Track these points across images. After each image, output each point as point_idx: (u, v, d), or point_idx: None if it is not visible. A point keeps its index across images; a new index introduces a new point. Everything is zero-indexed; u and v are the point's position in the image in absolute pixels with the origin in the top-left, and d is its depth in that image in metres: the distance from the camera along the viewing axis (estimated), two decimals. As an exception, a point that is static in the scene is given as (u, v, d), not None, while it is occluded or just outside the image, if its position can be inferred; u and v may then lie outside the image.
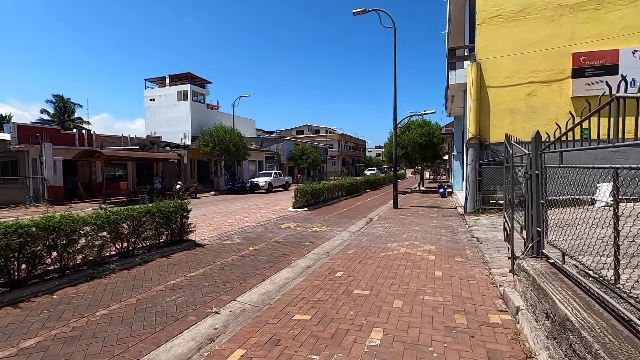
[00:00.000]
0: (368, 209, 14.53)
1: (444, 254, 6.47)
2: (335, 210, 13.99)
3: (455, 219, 11.09)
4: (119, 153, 21.09)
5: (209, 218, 12.10)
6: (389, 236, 8.37)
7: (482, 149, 11.52)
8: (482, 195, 11.37)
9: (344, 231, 9.55)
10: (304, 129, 75.82)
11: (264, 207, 15.61)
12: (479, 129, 11.46)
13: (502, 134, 11.66)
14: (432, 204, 15.95)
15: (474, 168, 11.44)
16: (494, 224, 9.38)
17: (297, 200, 13.89)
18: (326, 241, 8.17)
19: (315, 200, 15.35)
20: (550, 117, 10.87)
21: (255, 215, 12.72)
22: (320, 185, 15.70)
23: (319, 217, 12.01)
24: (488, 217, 10.45)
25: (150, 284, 5.04)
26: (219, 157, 27.75)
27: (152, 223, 6.63)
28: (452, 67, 12.14)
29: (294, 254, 6.92)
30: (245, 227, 10.03)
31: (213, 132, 26.86)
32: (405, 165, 30.11)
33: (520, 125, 11.17)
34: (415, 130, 22.96)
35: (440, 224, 10.15)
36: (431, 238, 8.03)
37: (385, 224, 10.20)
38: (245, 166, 38.50)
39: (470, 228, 9.16)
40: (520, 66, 11.12)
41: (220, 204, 17.46)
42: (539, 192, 3.91)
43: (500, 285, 4.51)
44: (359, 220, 11.58)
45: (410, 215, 12.09)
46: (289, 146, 47.24)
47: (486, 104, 11.46)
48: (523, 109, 11.13)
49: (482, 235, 8.08)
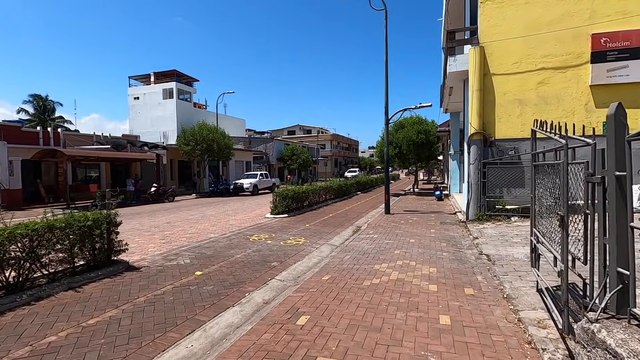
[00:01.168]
0: (357, 215, 12.92)
1: (449, 283, 4.87)
2: (320, 217, 12.36)
3: (456, 227, 9.52)
4: (84, 152, 19.22)
5: (170, 227, 10.38)
6: (378, 252, 6.76)
7: (487, 146, 9.98)
8: (487, 200, 9.82)
9: (324, 244, 7.92)
10: (295, 129, 74.18)
11: (240, 212, 13.91)
12: (483, 123, 9.92)
13: (509, 128, 10.16)
14: (428, 208, 14.40)
15: (477, 168, 9.89)
16: (504, 235, 7.82)
17: (275, 205, 12.22)
18: (300, 259, 6.53)
19: (298, 205, 13.70)
20: (566, 109, 9.37)
21: (226, 223, 11.03)
22: (304, 188, 14.06)
23: (298, 226, 10.36)
24: (495, 226, 8.89)
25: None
26: (201, 157, 25.99)
27: (61, 241, 4.94)
28: (451, 52, 10.61)
29: (253, 281, 5.27)
30: (205, 240, 8.33)
31: (194, 130, 25.09)
32: (399, 165, 28.59)
33: (530, 118, 9.61)
34: (410, 127, 21.43)
35: (440, 234, 8.58)
36: (430, 255, 6.43)
37: (375, 235, 8.60)
38: (232, 167, 36.74)
39: (475, 241, 7.58)
40: (530, 50, 9.60)
41: (194, 209, 15.72)
42: (622, 207, 2.31)
43: (544, 351, 2.90)
44: (345, 229, 9.95)
45: (404, 222, 10.50)
46: (279, 146, 45.55)
47: (491, 94, 9.93)
48: (534, 100, 9.62)
49: (493, 252, 6.50)
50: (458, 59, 10.51)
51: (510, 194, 9.80)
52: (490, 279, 5.04)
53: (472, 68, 9.93)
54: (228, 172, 35.88)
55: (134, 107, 48.08)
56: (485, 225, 9.11)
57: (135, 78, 50.52)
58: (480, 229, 8.71)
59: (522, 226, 8.52)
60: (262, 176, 28.14)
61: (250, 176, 27.89)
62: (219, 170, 34.39)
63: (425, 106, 11.79)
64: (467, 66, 10.23)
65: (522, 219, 9.29)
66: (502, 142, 9.88)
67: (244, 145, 44.72)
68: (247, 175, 28.43)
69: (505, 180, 9.73)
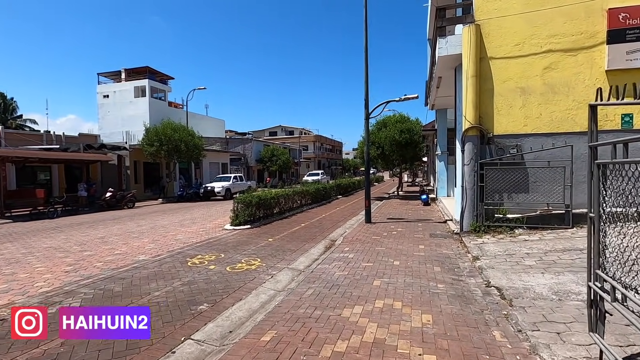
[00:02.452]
0: (333, 224, 11.15)
1: (453, 349, 3.12)
2: (290, 227, 10.52)
3: (449, 241, 7.86)
4: (22, 153, 16.79)
5: (98, 245, 8.34)
6: (351, 284, 4.98)
7: (484, 144, 8.38)
8: (485, 208, 8.21)
9: (284, 270, 6.09)
10: (277, 130, 72.19)
11: (199, 222, 11.92)
12: (480, 117, 8.32)
13: (510, 122, 8.56)
14: (414, 214, 12.77)
15: (473, 170, 8.28)
16: (511, 255, 6.18)
17: (236, 214, 10.29)
18: (243, 297, 4.69)
19: (266, 213, 11.83)
20: (577, 99, 7.87)
21: (172, 238, 9.05)
22: (273, 194, 12.18)
23: (259, 241, 8.50)
24: (497, 241, 7.26)
25: None
26: (168, 158, 23.73)
27: None
28: (441, 33, 9.00)
29: (154, 345, 3.40)
30: (128, 266, 6.36)
31: (159, 129, 22.84)
32: (382, 167, 27.05)
33: (536, 110, 8.11)
34: (392, 126, 19.86)
35: (430, 252, 6.88)
36: (421, 289, 4.69)
37: (351, 254, 6.83)
38: (206, 169, 34.50)
39: (477, 263, 5.91)
40: (535, 29, 8.07)
41: (149, 218, 13.62)
42: None
43: None
44: (316, 244, 8.15)
45: (386, 234, 8.78)
46: (258, 147, 43.47)
47: (489, 81, 8.34)
48: (539, 88, 8.08)
49: (505, 282, 4.82)
50: (449, 40, 8.89)
51: (511, 201, 8.22)
52: (514, 337, 3.33)
53: (466, 51, 8.32)
54: (202, 174, 33.59)
55: (103, 105, 45.36)
56: (484, 240, 7.47)
57: (105, 75, 47.70)
58: (480, 245, 7.06)
59: (531, 241, 6.91)
60: (237, 179, 26.10)
61: (223, 179, 25.81)
62: (191, 173, 32.09)
63: (411, 98, 10.15)
64: (460, 49, 8.63)
65: (528, 231, 7.71)
66: (502, 138, 8.30)
67: (221, 146, 42.46)
68: (219, 178, 26.31)
69: (507, 184, 8.14)
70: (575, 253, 5.84)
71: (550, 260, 5.67)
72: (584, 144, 7.83)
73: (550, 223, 7.79)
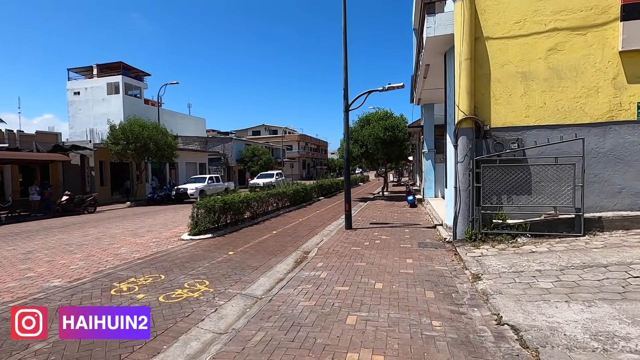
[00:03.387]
0: (310, 231, 9.84)
1: None
2: (259, 235, 9.15)
3: (441, 253, 6.65)
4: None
5: (15, 264, 6.79)
6: (317, 323, 3.68)
7: (480, 138, 7.21)
8: (482, 212, 7.03)
9: (235, 297, 4.74)
10: (260, 129, 70.46)
11: (155, 230, 10.40)
12: (475, 106, 7.14)
13: (510, 113, 7.31)
14: (400, 218, 11.58)
15: (468, 168, 7.09)
16: (520, 272, 4.99)
17: (196, 222, 8.85)
18: (160, 351, 3.31)
19: (235, 218, 10.44)
20: (587, 86, 6.77)
21: (111, 252, 7.56)
22: (242, 197, 10.76)
23: (216, 255, 7.10)
24: (498, 253, 6.08)
25: None
26: (137, 158, 21.94)
27: None
28: (430, 10, 7.82)
29: None
30: (27, 297, 4.88)
31: (125, 127, 21.03)
32: (367, 166, 25.92)
33: (539, 98, 6.98)
34: (376, 123, 18.69)
35: (420, 269, 5.64)
36: (411, 332, 3.43)
37: (324, 272, 5.52)
38: (182, 169, 32.66)
39: (480, 284, 4.69)
40: (538, 4, 6.94)
41: (102, 225, 12.01)
42: None
43: None
44: (285, 258, 6.82)
45: (368, 244, 7.52)
46: (238, 147, 41.79)
47: (485, 65, 7.18)
48: (542, 73, 6.95)
49: (521, 318, 3.60)
50: (439, 19, 7.69)
51: (512, 204, 7.08)
52: None
53: (458, 30, 7.13)
54: (177, 175, 31.75)
55: (73, 103, 42.95)
56: (482, 251, 6.28)
57: (76, 71, 45.19)
58: (478, 258, 5.87)
59: (539, 254, 5.75)
60: (212, 180, 24.46)
61: (198, 180, 24.12)
62: (165, 174, 30.24)
63: (396, 87, 8.93)
64: (451, 28, 7.44)
65: (532, 239, 6.56)
66: (500, 131, 7.14)
67: (199, 146, 40.62)
68: (194, 179, 24.60)
69: (506, 184, 6.99)
70: (599, 271, 4.69)
71: (571, 281, 4.49)
72: (594, 138, 6.75)
73: (558, 230, 6.67)
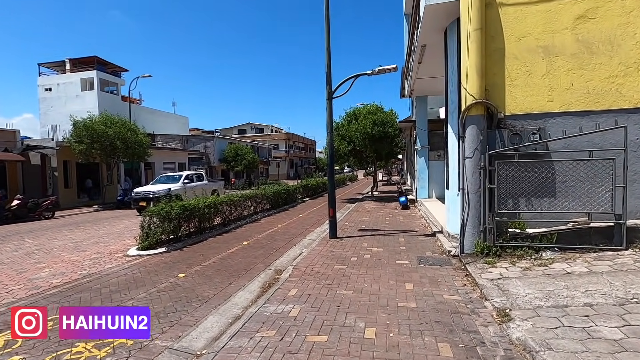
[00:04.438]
0: (288, 241, 8.36)
1: None
2: (225, 247, 7.62)
3: (448, 274, 5.25)
4: None
5: None
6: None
7: (493, 127, 5.84)
8: (497, 220, 5.66)
9: (162, 355, 3.23)
10: (246, 128, 68.58)
11: (102, 242, 8.74)
12: (486, 89, 5.77)
13: (529, 97, 5.66)
14: (392, 223, 10.20)
15: (478, 165, 5.71)
16: (561, 306, 3.61)
17: (147, 233, 7.24)
18: None
19: (202, 226, 8.88)
20: (625, 62, 5.46)
21: (24, 277, 5.90)
22: (209, 201, 9.17)
23: (161, 278, 5.55)
24: (521, 273, 4.70)
25: None
26: (105, 157, 20.03)
27: None
28: (429, -27, 6.46)
29: None
30: None
31: (88, 124, 19.10)
32: (355, 165, 24.56)
33: (565, 78, 5.64)
34: (364, 118, 17.30)
35: (425, 301, 4.21)
36: None
37: (295, 308, 4.05)
38: (159, 169, 30.67)
39: (513, 332, 3.27)
40: (564, -39, 5.61)
41: (49, 234, 10.26)
42: None
43: None
44: (247, 284, 5.31)
45: (356, 260, 6.07)
46: (221, 145, 39.92)
47: (498, 38, 5.81)
48: (570, 47, 5.62)
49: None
50: (441, -18, 6.29)
51: (531, 209, 5.73)
52: None
53: (465, -6, 5.75)
54: (154, 175, 29.77)
55: (45, 100, 40.50)
56: (501, 270, 4.91)
57: (47, 65, 42.71)
58: (498, 282, 4.48)
59: (579, 276, 4.39)
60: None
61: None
62: (140, 174, 28.31)
63: (389, 69, 7.51)
64: (455, -6, 6.06)
65: (561, 254, 5.22)
66: (517, 119, 5.79)
67: (180, 144, 38.62)
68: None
69: (525, 185, 5.64)
70: (679, 307, 3.34)
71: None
72: (634, 126, 5.44)
73: (592, 242, 5.35)
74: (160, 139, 39.13)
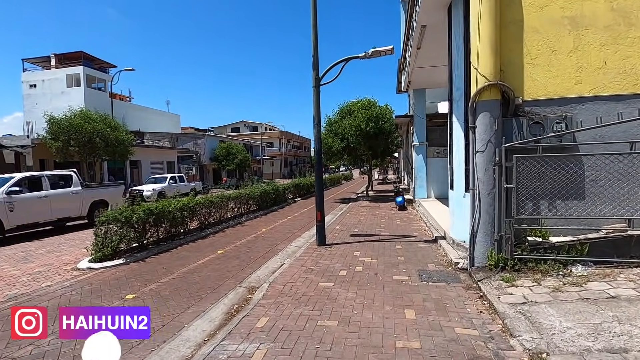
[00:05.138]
0: (269, 249, 7.33)
1: None
2: (193, 259, 6.58)
3: (456, 295, 4.26)
4: None
5: None
6: None
7: (510, 115, 4.85)
8: (515, 227, 4.67)
9: None
10: (240, 126, 67.28)
11: (58, 250, 7.64)
12: (500, 69, 4.78)
13: (553, 77, 3.98)
14: (388, 226, 9.22)
15: (492, 161, 4.72)
16: (623, 350, 2.62)
17: (102, 242, 6.17)
18: None
19: (175, 231, 7.84)
20: (670, 35, 4.49)
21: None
22: (181, 203, 8.11)
23: (105, 302, 4.51)
24: (551, 296, 3.72)
25: None
26: (83, 156, 18.87)
27: None
28: None
29: None
30: None
31: (63, 120, 17.93)
32: (349, 162, 23.58)
33: (597, 55, 4.66)
34: (358, 113, 16.29)
35: (432, 337, 3.21)
36: None
37: (261, 349, 3.03)
38: (146, 168, 29.51)
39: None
40: None
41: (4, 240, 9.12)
42: None
43: None
44: (210, 308, 4.29)
45: (346, 275, 5.07)
46: (212, 144, 38.73)
47: (515, 7, 4.83)
48: (602, 18, 4.65)
49: None
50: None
51: (555, 212, 4.76)
52: None
53: (476, -46, 4.74)
54: (140, 175, 28.59)
55: (29, 96, 39.05)
56: (524, 291, 3.92)
57: (32, 61, 41.31)
58: (525, 310, 3.50)
59: (627, 301, 3.42)
60: (175, 180, 21.60)
61: (158, 180, 21.15)
62: (126, 174, 27.13)
63: (384, 51, 6.48)
64: (463, -44, 5.06)
65: (595, 269, 4.26)
66: (539, 105, 4.81)
67: (169, 142, 37.40)
68: (153, 179, 21.57)
69: (549, 184, 4.66)
70: None
71: None
72: (681, 113, 4.48)
73: (631, 252, 4.39)
74: (149, 137, 37.89)
